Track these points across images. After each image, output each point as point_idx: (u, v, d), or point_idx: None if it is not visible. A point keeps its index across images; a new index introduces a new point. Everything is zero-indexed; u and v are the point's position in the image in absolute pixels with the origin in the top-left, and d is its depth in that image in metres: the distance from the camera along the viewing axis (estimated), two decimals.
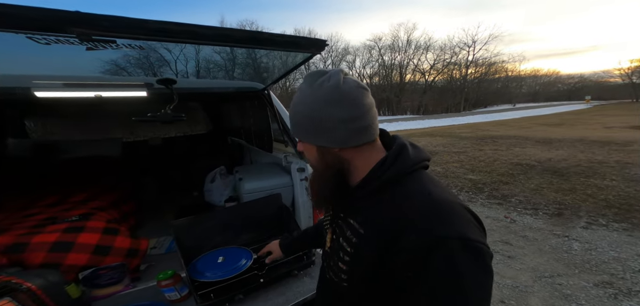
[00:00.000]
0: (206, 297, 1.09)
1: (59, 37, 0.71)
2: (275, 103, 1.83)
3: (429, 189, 0.52)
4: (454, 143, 8.94)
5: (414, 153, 0.57)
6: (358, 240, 0.56)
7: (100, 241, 1.23)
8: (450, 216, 0.48)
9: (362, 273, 0.55)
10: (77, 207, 1.49)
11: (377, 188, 0.54)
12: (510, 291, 2.13)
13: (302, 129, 0.57)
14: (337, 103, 0.52)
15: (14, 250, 1.08)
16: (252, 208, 1.61)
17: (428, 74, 33.80)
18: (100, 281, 1.19)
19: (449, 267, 0.45)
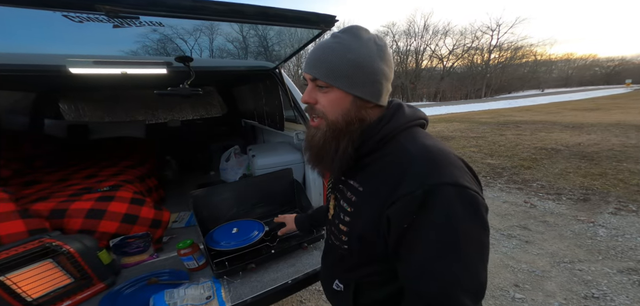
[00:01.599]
0: (221, 265, 1.17)
1: (90, 15, 0.77)
2: (286, 81, 1.86)
3: (423, 141, 0.53)
4: (472, 129, 8.59)
5: (410, 112, 0.58)
6: (357, 199, 0.56)
7: (128, 211, 1.34)
8: (445, 164, 0.49)
9: (361, 231, 0.56)
10: (108, 179, 1.62)
11: (376, 144, 0.55)
12: (526, 275, 2.08)
13: (346, 75, 0.53)
14: (386, 61, 0.55)
15: (55, 215, 1.20)
16: (264, 182, 1.67)
17: (446, 59, 32.38)
18: (129, 249, 1.30)
19: (444, 212, 0.45)
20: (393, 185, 0.49)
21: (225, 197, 1.54)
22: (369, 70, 0.53)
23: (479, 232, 0.47)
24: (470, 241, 0.46)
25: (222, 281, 1.15)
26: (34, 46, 1.11)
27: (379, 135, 0.54)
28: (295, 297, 1.99)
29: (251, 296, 1.08)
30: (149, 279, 1.18)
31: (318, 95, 0.56)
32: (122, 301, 1.08)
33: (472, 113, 14.10)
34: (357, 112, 0.55)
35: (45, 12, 0.74)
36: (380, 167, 0.54)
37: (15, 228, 1.03)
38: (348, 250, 0.60)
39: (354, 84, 0.53)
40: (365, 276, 0.60)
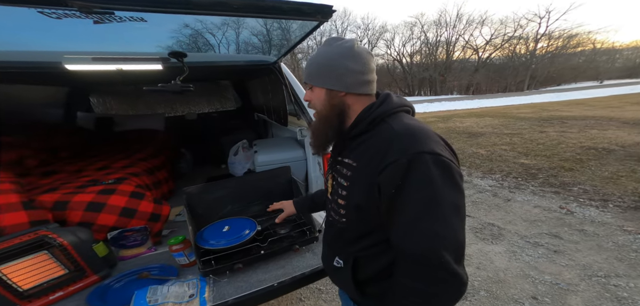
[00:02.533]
0: (207, 264, 1.15)
1: (65, 11, 0.77)
2: (286, 75, 1.81)
3: (407, 122, 0.64)
4: (507, 124, 7.86)
5: (397, 100, 0.69)
6: (352, 173, 0.67)
7: (127, 204, 1.38)
8: (424, 138, 0.58)
9: (357, 200, 0.65)
10: (117, 172, 1.69)
11: (366, 126, 0.65)
12: (547, 288, 1.86)
13: (318, 74, 0.70)
14: (351, 57, 0.66)
15: (58, 207, 1.27)
16: (261, 179, 1.65)
17: (482, 50, 30.01)
18: (126, 242, 1.34)
19: (423, 175, 0.55)
20: (381, 156, 0.59)
21: (220, 195, 1.53)
22: (333, 66, 0.67)
23: (454, 194, 0.56)
24: (446, 202, 0.55)
25: (208, 280, 1.14)
26: (39, 45, 1.16)
27: (369, 117, 0.65)
28: (294, 294, 1.97)
29: (234, 297, 1.05)
30: (140, 273, 1.20)
31: (310, 94, 0.74)
32: (111, 295, 1.10)
33: (509, 107, 12.95)
34: (337, 100, 0.69)
35: (24, 9, 0.75)
36: (371, 144, 0.64)
37: (17, 219, 1.09)
38: (346, 223, 0.70)
39: (324, 79, 0.69)
40: (363, 249, 0.69)
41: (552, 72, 30.91)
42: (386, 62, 31.44)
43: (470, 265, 2.13)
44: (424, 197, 0.54)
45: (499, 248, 2.34)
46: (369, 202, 0.62)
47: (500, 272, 2.05)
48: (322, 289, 2.02)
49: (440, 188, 0.54)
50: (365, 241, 0.68)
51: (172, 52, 1.35)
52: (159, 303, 1.00)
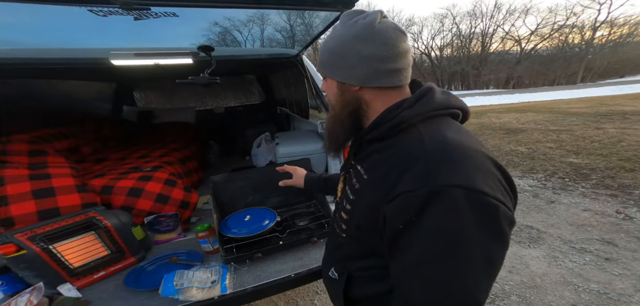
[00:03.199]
0: (229, 252, 1.21)
1: (110, 8, 0.83)
2: (307, 67, 1.82)
3: (445, 134, 0.46)
4: (554, 120, 7.07)
5: (442, 99, 0.51)
6: (360, 186, 0.55)
7: (161, 191, 1.50)
8: (462, 163, 0.42)
9: (357, 223, 0.55)
10: (154, 160, 1.84)
11: (388, 130, 0.51)
12: (593, 297, 1.66)
13: (327, 64, 0.57)
14: (367, 40, 0.50)
15: (105, 191, 1.42)
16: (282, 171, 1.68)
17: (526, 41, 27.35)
18: (160, 227, 1.46)
19: (447, 218, 0.40)
20: (395, 179, 0.45)
21: (243, 184, 1.59)
22: (342, 54, 0.52)
23: (488, 245, 0.41)
24: (473, 253, 0.41)
25: (230, 267, 1.19)
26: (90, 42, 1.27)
27: (393, 121, 0.50)
28: (311, 287, 2.00)
29: (253, 285, 1.09)
30: (170, 258, 1.30)
31: (324, 85, 0.62)
32: (145, 277, 1.18)
33: (558, 101, 11.66)
34: (350, 96, 0.55)
35: (76, 8, 0.83)
36: (387, 156, 0.50)
37: (72, 201, 1.24)
38: (346, 238, 0.61)
39: (334, 70, 0.55)
40: (359, 269, 0.61)
41: (613, 62, 27.09)
42: (414, 56, 30.48)
43: (502, 269, 1.97)
44: (440, 245, 0.41)
45: (537, 253, 2.14)
46: (370, 227, 0.51)
47: (537, 277, 1.88)
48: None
49: (468, 233, 0.40)
50: (363, 262, 0.59)
51: (201, 46, 1.42)
52: (185, 287, 1.06)
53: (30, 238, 0.98)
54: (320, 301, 1.87)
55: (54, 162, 1.37)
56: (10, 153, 1.30)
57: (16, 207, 1.09)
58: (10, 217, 1.07)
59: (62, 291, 1.04)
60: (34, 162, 1.32)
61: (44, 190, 1.18)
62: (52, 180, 1.22)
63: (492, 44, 28.57)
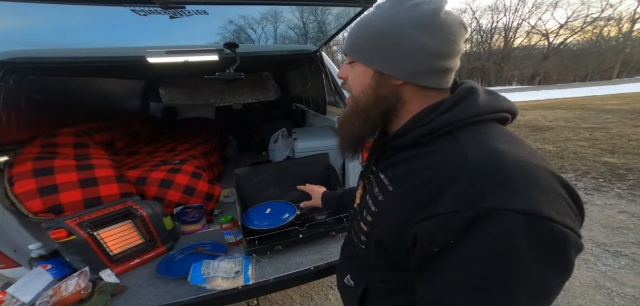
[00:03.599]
0: (252, 243, 1.25)
1: (150, 8, 0.88)
2: (327, 64, 1.84)
3: (494, 144, 0.38)
4: (586, 117, 6.62)
5: (487, 101, 0.43)
6: (384, 199, 0.48)
7: (188, 183, 1.58)
8: (520, 181, 0.34)
9: (380, 237, 0.49)
10: (180, 154, 1.94)
11: (420, 137, 0.44)
12: (627, 301, 1.58)
13: (366, 48, 0.47)
14: (429, 30, 0.42)
15: (139, 182, 1.52)
16: (301, 165, 1.71)
17: (555, 35, 25.75)
18: (187, 218, 1.54)
19: (499, 246, 0.33)
20: (430, 197, 0.39)
21: (264, 178, 1.64)
22: (395, 41, 0.44)
23: (549, 279, 0.34)
24: (527, 288, 0.33)
25: (252, 259, 1.24)
26: (126, 41, 1.35)
27: (426, 127, 0.43)
28: (326, 282, 2.02)
29: (274, 276, 1.13)
30: (196, 248, 1.36)
31: (348, 71, 0.53)
32: (174, 266, 1.24)
33: (591, 98, 10.87)
34: (388, 90, 0.47)
35: (120, 8, 0.88)
36: (419, 167, 0.42)
37: (112, 191, 1.35)
38: (365, 250, 0.56)
39: (375, 57, 0.46)
40: (378, 280, 0.56)
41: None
42: None
43: None
44: (486, 273, 0.34)
45: None
46: (394, 243, 0.46)
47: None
48: None
49: (525, 266, 0.33)
50: (382, 275, 0.55)
51: (227, 43, 1.46)
52: (211, 276, 1.10)
53: (78, 224, 1.07)
54: (335, 295, 1.90)
55: (96, 153, 1.49)
56: (59, 145, 1.42)
57: (65, 194, 1.20)
58: (60, 204, 1.18)
59: (103, 277, 1.12)
60: (78, 153, 1.43)
61: (89, 180, 1.29)
62: (95, 170, 1.32)
63: (515, 38, 27.15)
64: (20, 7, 0.84)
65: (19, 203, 1.13)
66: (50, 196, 1.18)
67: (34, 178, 1.17)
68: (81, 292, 1.00)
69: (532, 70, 26.10)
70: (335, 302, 1.84)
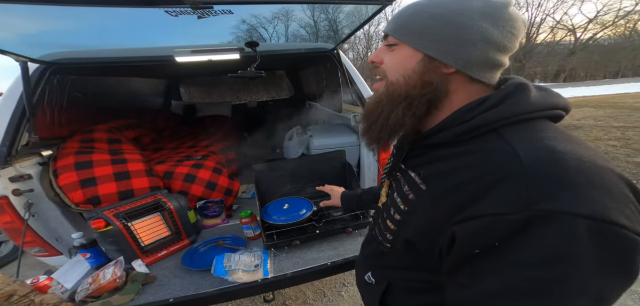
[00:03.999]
0: (270, 238, 1.29)
1: (181, 9, 0.91)
2: (344, 62, 1.84)
3: (549, 144, 0.35)
4: (617, 116, 6.21)
5: (539, 97, 0.40)
6: (416, 198, 0.46)
7: (210, 178, 1.65)
8: (584, 184, 0.31)
9: (410, 236, 0.47)
10: (201, 150, 2.02)
11: (461, 134, 0.41)
12: None
13: (417, 28, 0.44)
14: (496, 22, 0.41)
15: (166, 176, 1.60)
16: (317, 161, 1.73)
17: (582, 30, 24.29)
18: (208, 212, 1.61)
19: (557, 251, 0.31)
20: (470, 197, 0.37)
21: (282, 174, 1.67)
22: (455, 25, 0.41)
23: (612, 288, 0.32)
24: (583, 297, 0.31)
25: (270, 253, 1.27)
26: (154, 41, 1.40)
27: (469, 123, 0.40)
28: (338, 279, 2.03)
29: (292, 270, 1.15)
30: (217, 241, 1.42)
31: (385, 54, 0.49)
32: (198, 258, 1.29)
33: (623, 96, 10.19)
34: (436, 77, 0.44)
35: (155, 10, 0.91)
36: (459, 166, 0.40)
37: (143, 184, 1.43)
38: (390, 249, 0.54)
39: (428, 40, 0.43)
40: (401, 279, 0.55)
41: None
42: None
43: None
44: (536, 278, 0.32)
45: None
46: (425, 243, 0.44)
47: None
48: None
49: (583, 274, 0.31)
50: (407, 274, 0.53)
51: (248, 42, 1.49)
52: (232, 269, 1.14)
53: (115, 215, 1.15)
54: (348, 292, 1.92)
55: (127, 149, 1.59)
56: (95, 141, 1.52)
57: (102, 187, 1.30)
58: (98, 195, 1.28)
59: (134, 267, 1.19)
60: (112, 148, 1.54)
61: (123, 173, 1.38)
62: (128, 164, 1.42)
63: (539, 34, 25.89)
64: (63, 10, 0.90)
65: (63, 195, 1.24)
66: (89, 188, 1.28)
67: (75, 171, 1.27)
68: (117, 280, 1.08)
69: (557, 67, 24.80)
70: (347, 299, 1.86)
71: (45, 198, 1.27)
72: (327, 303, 1.82)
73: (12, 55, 1.17)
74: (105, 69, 1.79)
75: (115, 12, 0.96)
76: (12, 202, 1.18)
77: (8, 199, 1.16)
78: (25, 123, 1.29)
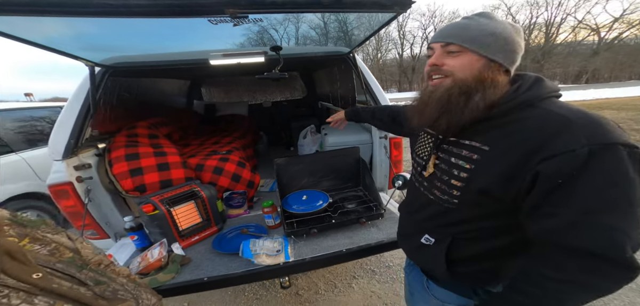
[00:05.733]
0: (290, 226, 1.41)
1: (222, 18, 0.98)
2: (359, 65, 1.92)
3: (574, 107, 0.54)
4: (639, 119, 6.04)
5: (551, 84, 0.61)
6: (480, 157, 0.60)
7: (235, 171, 1.80)
8: (611, 126, 0.50)
9: (482, 188, 0.59)
10: (225, 146, 2.17)
11: (509, 109, 0.58)
12: None
13: (480, 42, 0.61)
14: (521, 36, 0.63)
15: (198, 168, 1.77)
16: (333, 157, 1.84)
17: (607, 29, 23.25)
18: (233, 203, 1.75)
19: (615, 171, 0.47)
20: (537, 145, 0.52)
21: (300, 168, 1.80)
22: (506, 39, 0.61)
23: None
24: (638, 201, 0.48)
25: (290, 240, 1.37)
26: (189, 46, 1.51)
27: (517, 100, 0.58)
28: (349, 272, 2.12)
29: (310, 256, 1.25)
30: (242, 229, 1.54)
31: (446, 59, 0.65)
32: (225, 243, 1.40)
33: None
34: (488, 73, 0.61)
35: (201, 19, 0.99)
36: (515, 129, 0.56)
37: (180, 174, 1.59)
38: (457, 205, 0.65)
39: (490, 49, 0.61)
40: (465, 232, 0.66)
41: None
42: None
43: None
44: (612, 194, 0.47)
45: None
46: (501, 190, 0.57)
47: None
48: (375, 271, 2.12)
49: (636, 187, 0.47)
50: (471, 225, 0.65)
51: (273, 46, 1.61)
52: (258, 253, 1.25)
53: (161, 200, 1.32)
54: (358, 285, 2.00)
55: (164, 143, 1.77)
56: (138, 135, 1.71)
57: (148, 176, 1.48)
58: (144, 184, 1.46)
59: (173, 249, 1.30)
60: (152, 142, 1.72)
61: (163, 164, 1.56)
62: (168, 157, 1.60)
63: (559, 34, 24.93)
64: (121, 20, 1.00)
65: (116, 182, 1.43)
66: (137, 177, 1.46)
67: (126, 162, 1.46)
68: (161, 260, 1.22)
69: (579, 68, 23.81)
70: (358, 291, 1.94)
71: (100, 185, 1.46)
72: (337, 294, 1.91)
73: (83, 60, 1.35)
74: (151, 71, 1.95)
75: (164, 20, 1.04)
76: (76, 187, 1.37)
77: (72, 185, 1.35)
78: (89, 119, 1.47)
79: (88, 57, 1.38)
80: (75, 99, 1.49)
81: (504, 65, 0.62)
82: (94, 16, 0.85)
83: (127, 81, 1.96)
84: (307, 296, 1.90)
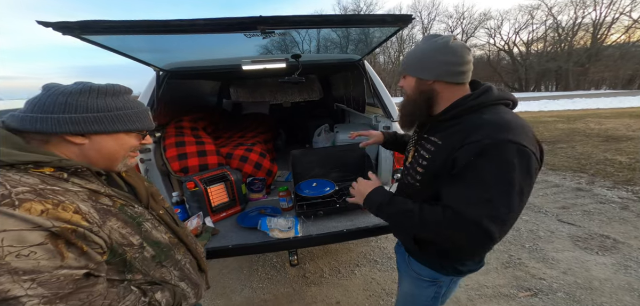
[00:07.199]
0: (301, 207, 1.65)
1: (253, 33, 1.19)
2: (368, 71, 2.12)
3: (502, 114, 0.69)
4: None
5: (498, 93, 0.75)
6: (435, 149, 0.77)
7: (257, 160, 2.10)
8: (515, 128, 0.64)
9: (433, 172, 0.77)
10: (249, 140, 2.49)
11: (459, 113, 0.74)
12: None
13: (411, 65, 0.80)
14: (443, 52, 0.75)
15: (227, 156, 2.10)
16: (341, 151, 2.07)
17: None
18: (254, 188, 2.04)
19: (505, 160, 0.62)
20: (463, 138, 0.68)
21: (313, 159, 2.04)
22: (424, 59, 0.77)
23: (526, 184, 0.64)
24: (517, 187, 0.62)
25: (300, 219, 1.58)
26: (225, 53, 1.81)
27: (464, 106, 0.73)
28: (353, 261, 2.26)
29: (316, 233, 1.46)
30: (260, 209, 1.78)
31: (402, 81, 0.87)
32: (247, 219, 1.62)
33: None
34: (425, 87, 0.79)
35: (239, 35, 1.22)
36: (459, 129, 0.72)
37: (214, 160, 1.92)
38: (420, 187, 0.82)
39: (416, 69, 0.80)
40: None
41: None
42: (487, 53, 27.12)
43: (554, 269, 1.94)
44: (500, 177, 0.62)
45: (604, 260, 2.02)
46: (444, 172, 0.72)
47: (595, 281, 1.82)
48: (377, 261, 2.28)
49: (517, 175, 0.61)
50: (427, 198, 0.79)
51: (294, 54, 1.87)
52: (273, 227, 1.47)
53: (200, 180, 1.63)
54: (360, 272, 2.16)
55: (202, 134, 2.12)
56: (183, 127, 2.07)
57: (190, 160, 1.83)
58: (187, 166, 1.81)
59: (206, 222, 1.54)
60: (193, 133, 2.08)
61: (202, 151, 1.90)
62: (205, 145, 1.95)
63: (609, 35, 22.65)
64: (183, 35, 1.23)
65: (168, 164, 1.80)
66: (183, 160, 1.82)
67: (175, 148, 1.82)
68: (198, 229, 1.50)
69: (631, 72, 21.49)
70: (360, 277, 2.11)
71: (155, 166, 1.83)
72: (340, 279, 2.08)
73: (151, 65, 1.72)
74: (197, 74, 2.31)
75: (213, 35, 1.23)
76: (140, 167, 1.74)
77: (138, 165, 1.72)
78: (152, 112, 1.77)
79: (155, 63, 1.75)
80: (144, 96, 1.89)
81: (440, 80, 0.77)
82: (168, 34, 1.10)
83: (178, 82, 2.33)
84: (313, 279, 2.11)
